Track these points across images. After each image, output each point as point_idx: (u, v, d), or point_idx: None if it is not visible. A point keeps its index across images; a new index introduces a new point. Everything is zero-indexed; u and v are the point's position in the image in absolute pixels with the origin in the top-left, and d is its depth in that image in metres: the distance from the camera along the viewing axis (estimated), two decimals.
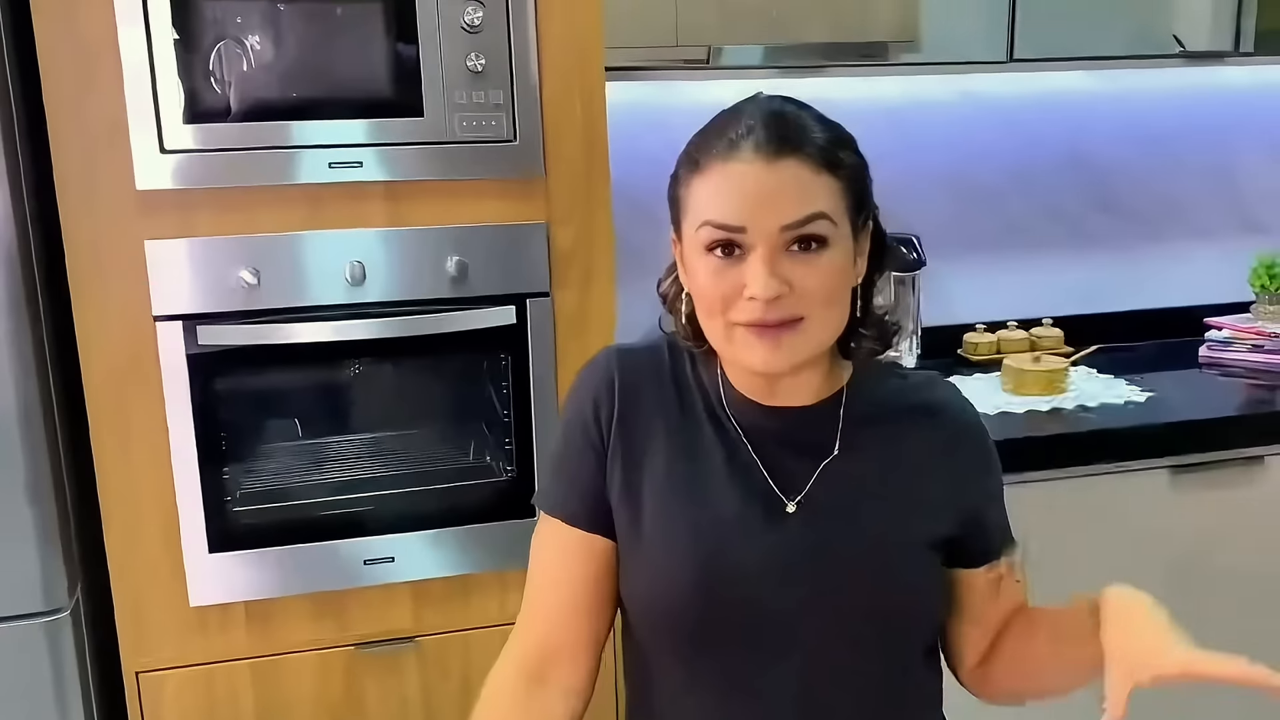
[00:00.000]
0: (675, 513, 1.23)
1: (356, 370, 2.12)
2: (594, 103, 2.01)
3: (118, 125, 1.84)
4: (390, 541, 2.07)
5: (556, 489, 1.29)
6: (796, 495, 1.23)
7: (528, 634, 1.29)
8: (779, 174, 1.11)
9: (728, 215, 1.12)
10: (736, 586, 1.21)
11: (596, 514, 1.26)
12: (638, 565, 1.25)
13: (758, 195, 1.11)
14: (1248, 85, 2.99)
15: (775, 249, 1.12)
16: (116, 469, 1.94)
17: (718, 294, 1.14)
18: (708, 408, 1.27)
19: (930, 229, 2.77)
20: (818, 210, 1.12)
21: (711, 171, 1.13)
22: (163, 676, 2.03)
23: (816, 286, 1.13)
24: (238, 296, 1.93)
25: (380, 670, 2.12)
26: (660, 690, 1.29)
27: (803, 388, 1.24)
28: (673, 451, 1.25)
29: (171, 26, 1.83)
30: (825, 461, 1.24)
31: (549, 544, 1.29)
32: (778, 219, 1.11)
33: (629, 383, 1.27)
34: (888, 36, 2.51)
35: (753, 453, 1.25)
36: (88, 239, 1.87)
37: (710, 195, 1.14)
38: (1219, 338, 2.84)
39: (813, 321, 1.15)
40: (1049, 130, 2.93)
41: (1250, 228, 3.08)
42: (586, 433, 1.27)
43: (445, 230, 1.99)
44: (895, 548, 1.22)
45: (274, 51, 1.89)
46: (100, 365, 1.91)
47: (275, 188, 1.92)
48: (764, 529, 1.22)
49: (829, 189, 1.14)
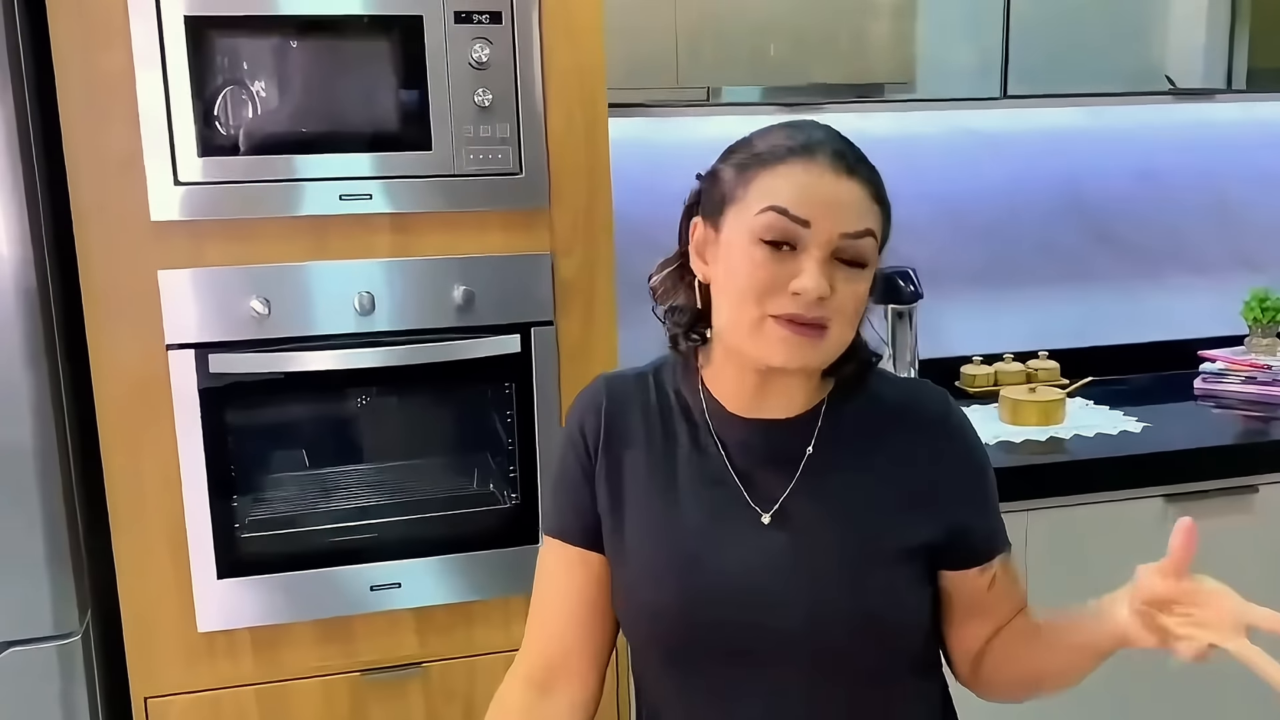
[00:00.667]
0: (653, 527, 1.27)
1: (364, 400, 2.16)
2: (597, 136, 2.07)
3: (133, 158, 1.89)
4: (396, 568, 2.10)
5: (554, 509, 1.34)
6: (772, 507, 1.26)
7: (533, 649, 1.33)
8: (849, 187, 1.18)
9: (799, 208, 1.16)
10: (713, 598, 1.23)
11: (590, 531, 1.31)
12: (621, 580, 1.29)
13: (828, 198, 1.17)
14: (1240, 121, 3.05)
15: (828, 254, 1.17)
16: (127, 495, 1.97)
17: (759, 284, 1.17)
18: (689, 425, 1.30)
19: (927, 263, 2.81)
20: (871, 229, 1.19)
21: (783, 169, 1.18)
22: (170, 702, 2.05)
23: (848, 301, 1.19)
24: (249, 326, 1.97)
25: (386, 696, 2.14)
26: (657, 696, 1.33)
27: (786, 400, 1.27)
28: (652, 468, 1.29)
29: (187, 63, 1.88)
30: (799, 473, 1.27)
31: (551, 564, 1.34)
32: (840, 225, 1.17)
33: (615, 407, 1.32)
34: (884, 77, 2.56)
35: (730, 466, 1.28)
36: (103, 269, 1.91)
37: (784, 185, 1.18)
38: (1213, 370, 2.88)
39: (835, 331, 1.19)
40: (1044, 165, 2.99)
41: (1243, 262, 3.13)
42: (577, 455, 1.32)
43: (451, 261, 2.04)
44: (870, 557, 1.24)
45: (286, 87, 1.94)
46: (113, 393, 1.94)
47: (286, 219, 1.96)
48: (738, 541, 1.25)
49: (877, 217, 1.21)
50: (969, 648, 1.34)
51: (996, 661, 1.32)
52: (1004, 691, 1.34)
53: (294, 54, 1.94)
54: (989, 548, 1.30)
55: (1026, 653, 1.30)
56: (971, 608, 1.31)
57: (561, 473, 1.34)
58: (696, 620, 1.24)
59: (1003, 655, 1.32)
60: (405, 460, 2.21)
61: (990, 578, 1.29)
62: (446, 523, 2.14)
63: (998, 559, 1.30)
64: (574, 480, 1.32)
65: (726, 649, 1.24)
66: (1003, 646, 1.32)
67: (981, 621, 1.32)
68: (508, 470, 2.16)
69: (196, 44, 1.88)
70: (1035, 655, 1.29)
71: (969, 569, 1.29)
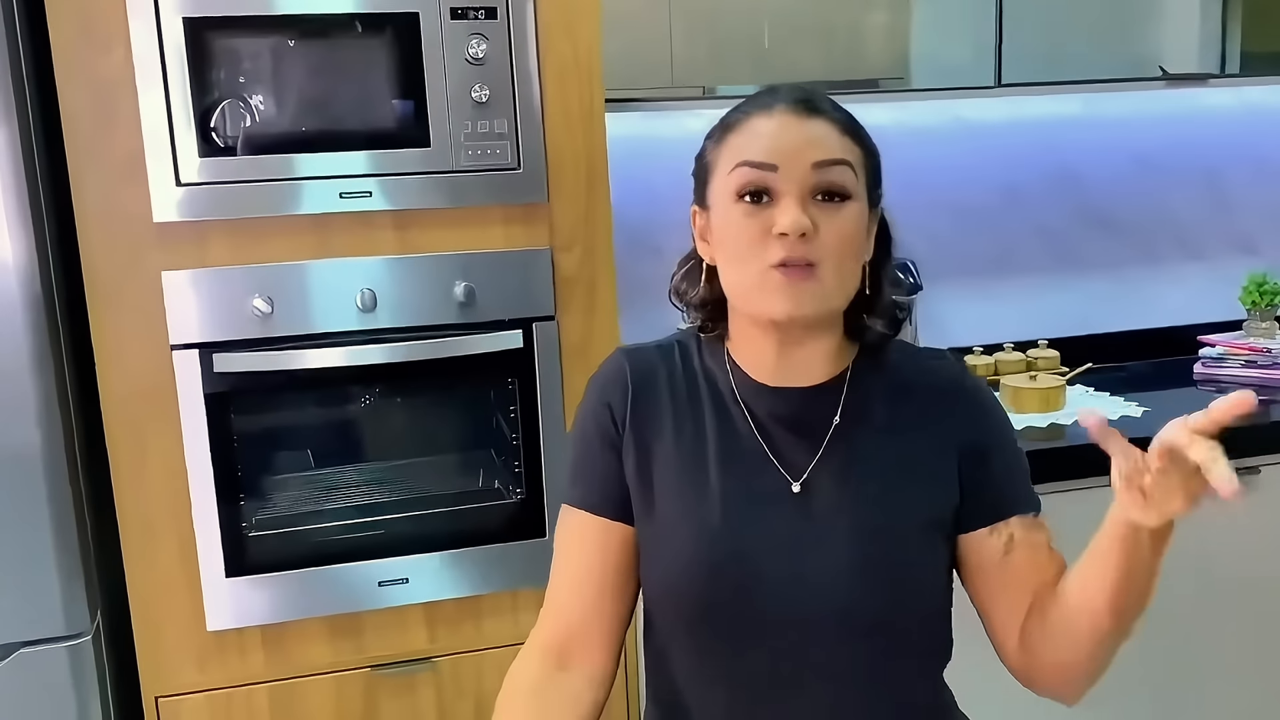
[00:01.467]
0: (683, 499, 1.28)
1: (369, 397, 2.17)
2: (594, 130, 2.08)
3: (135, 160, 1.90)
4: (404, 563, 2.11)
5: (576, 483, 1.35)
6: (802, 475, 1.28)
7: (551, 621, 1.33)
8: (811, 127, 1.22)
9: (762, 154, 1.21)
10: (744, 568, 1.25)
11: (615, 502, 1.32)
12: (652, 551, 1.30)
13: (791, 140, 1.21)
14: (1234, 107, 3.06)
15: (804, 193, 1.20)
16: (135, 495, 1.99)
17: (746, 238, 1.21)
18: (715, 396, 1.32)
19: (925, 254, 2.82)
20: (845, 157, 1.22)
21: (746, 125, 1.24)
22: (181, 701, 2.06)
23: (836, 236, 1.20)
24: (252, 325, 1.98)
25: (396, 691, 2.15)
26: (678, 672, 1.32)
27: (809, 366, 1.29)
28: (681, 439, 1.30)
29: (186, 65, 1.89)
30: (827, 441, 1.28)
31: (572, 534, 1.34)
32: (809, 156, 1.20)
33: (640, 379, 1.34)
34: (879, 71, 2.58)
35: (758, 435, 1.29)
36: (106, 271, 1.93)
37: (746, 141, 1.23)
38: (1213, 354, 2.89)
39: (826, 270, 1.20)
40: (1040, 155, 3.00)
41: (1240, 246, 3.14)
42: (601, 428, 1.33)
43: (453, 257, 2.05)
44: (896, 526, 1.25)
45: (284, 86, 1.96)
46: (119, 394, 1.96)
47: (287, 218, 1.98)
48: (769, 511, 1.26)
49: (853, 150, 1.24)
50: (1009, 628, 1.29)
51: (1039, 639, 1.26)
52: (1056, 674, 1.27)
53: (291, 53, 1.96)
54: (998, 508, 1.29)
55: (1061, 614, 1.23)
56: (996, 577, 1.28)
57: (585, 446, 1.35)
58: (727, 590, 1.25)
59: (1043, 631, 1.26)
60: (410, 456, 2.22)
61: (1005, 540, 1.28)
62: (453, 518, 2.16)
63: (1012, 520, 1.28)
64: (600, 453, 1.33)
65: (755, 618, 1.25)
66: (1041, 621, 1.26)
67: (1012, 594, 1.28)
68: (513, 465, 2.17)
69: (195, 45, 1.89)
70: (1067, 607, 1.22)
71: (979, 529, 1.28)
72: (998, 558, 1.28)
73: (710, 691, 1.30)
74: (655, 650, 1.36)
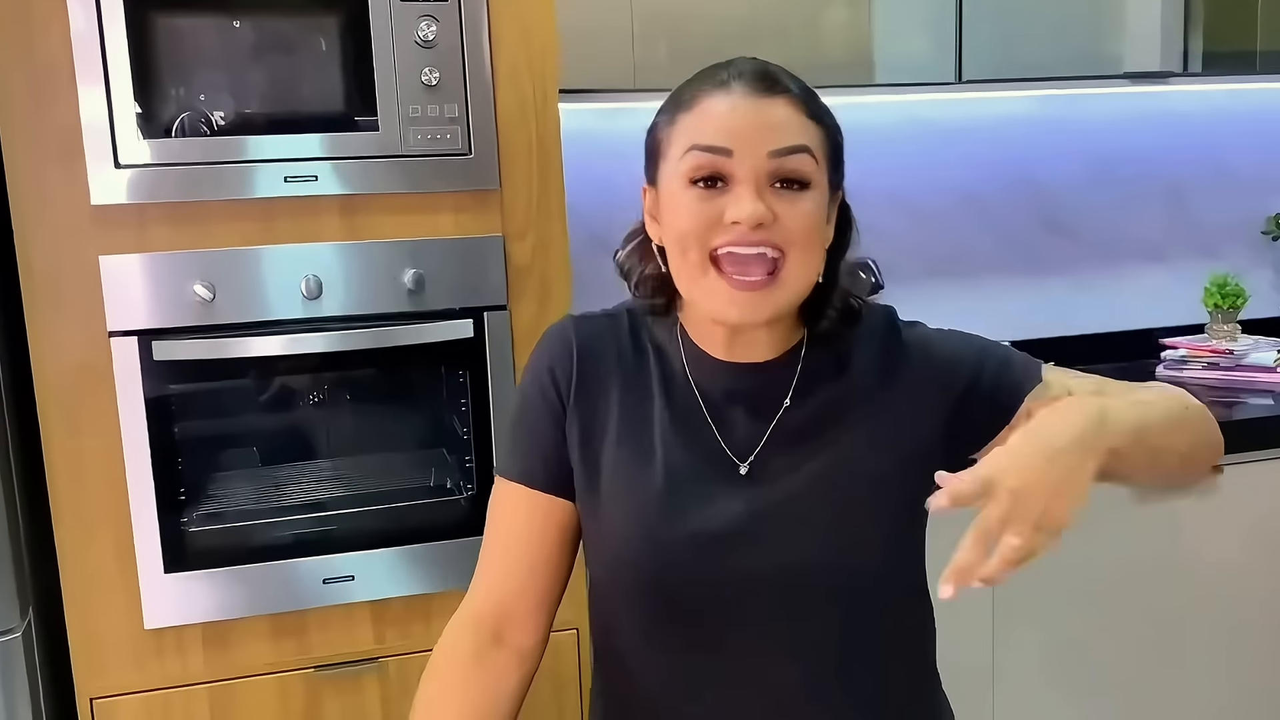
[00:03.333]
0: (629, 477, 1.24)
1: (315, 389, 2.12)
2: (548, 115, 2.04)
3: (72, 140, 1.85)
4: (350, 560, 2.05)
5: (515, 453, 1.30)
6: (749, 456, 1.23)
7: (482, 595, 1.29)
8: (769, 109, 1.15)
9: (716, 138, 1.14)
10: (689, 550, 1.20)
11: (555, 475, 1.27)
12: (597, 529, 1.26)
13: (747, 123, 1.14)
14: (1195, 108, 3.06)
15: (761, 180, 1.14)
16: (69, 487, 1.92)
17: (695, 225, 1.15)
18: (664, 370, 1.27)
19: (886, 255, 2.78)
20: (804, 143, 1.15)
21: (701, 104, 1.16)
22: (117, 702, 1.99)
23: (798, 225, 1.15)
24: (193, 311, 1.93)
25: (341, 692, 2.09)
26: (625, 652, 1.28)
27: (763, 342, 1.25)
28: (627, 414, 1.26)
29: (126, 44, 1.84)
30: (775, 422, 1.24)
31: (506, 506, 1.30)
32: (766, 143, 1.14)
33: (586, 348, 1.28)
34: (839, 68, 2.55)
35: (706, 413, 1.25)
36: (42, 254, 1.87)
37: (699, 123, 1.16)
38: (1175, 357, 2.88)
39: (790, 263, 1.15)
40: (1000, 156, 2.99)
41: (1201, 249, 3.14)
42: (545, 397, 1.28)
43: (401, 244, 2.00)
44: (848, 504, 1.21)
45: (228, 67, 1.91)
46: (54, 381, 1.90)
47: (230, 202, 1.93)
48: (716, 491, 1.22)
49: (813, 133, 1.17)
50: None
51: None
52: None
53: (237, 33, 1.91)
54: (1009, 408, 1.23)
55: None
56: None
57: (524, 417, 1.30)
58: (673, 570, 1.21)
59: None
60: (357, 451, 2.17)
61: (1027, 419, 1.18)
62: (401, 514, 2.10)
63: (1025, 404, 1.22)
64: (541, 424, 1.28)
65: (705, 599, 1.21)
66: None
67: None
68: (464, 460, 2.12)
69: (136, 25, 1.84)
70: None
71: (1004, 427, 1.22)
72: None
73: (660, 667, 1.25)
74: (601, 623, 1.32)
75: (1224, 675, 2.56)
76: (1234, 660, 2.56)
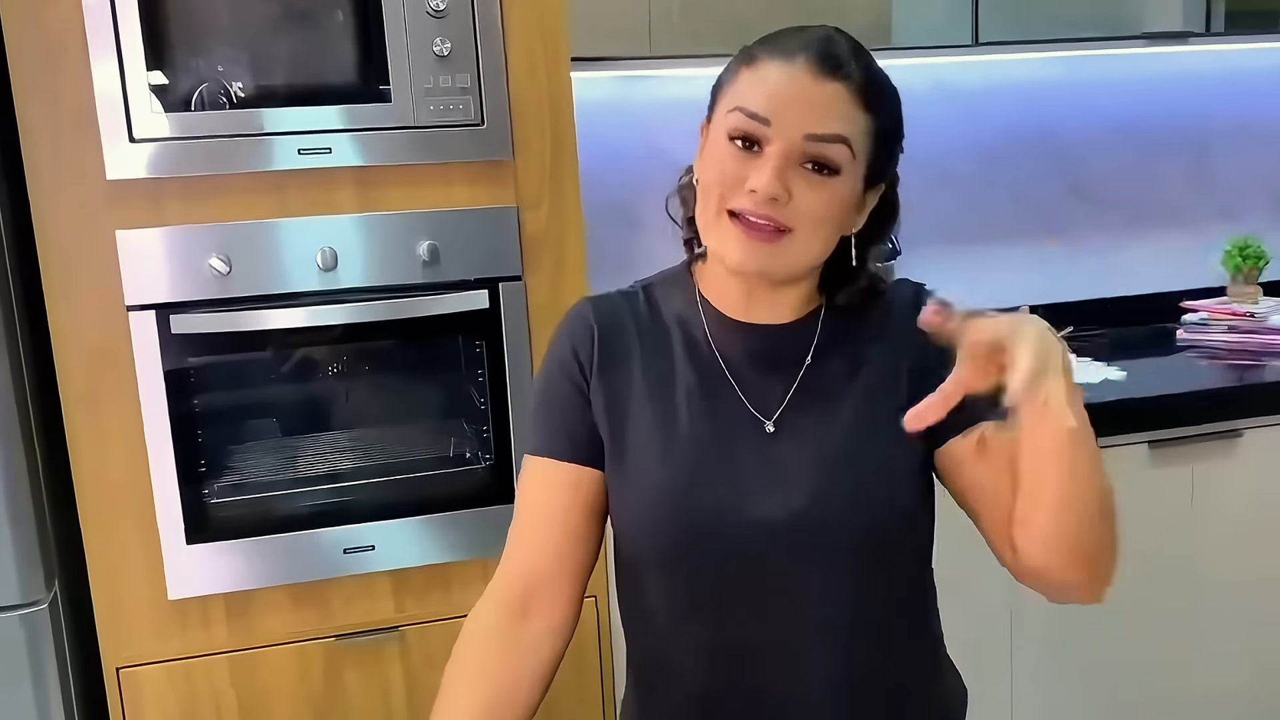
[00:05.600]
0: (655, 441, 1.25)
1: (333, 361, 2.13)
2: (560, 84, 2.03)
3: (87, 115, 1.85)
4: (370, 530, 2.07)
5: (541, 431, 1.31)
6: (774, 414, 1.25)
7: (514, 568, 1.29)
8: (821, 89, 1.15)
9: (760, 106, 1.16)
10: (717, 509, 1.22)
11: (582, 446, 1.28)
12: (624, 495, 1.27)
13: (794, 99, 1.15)
14: (1218, 69, 3.02)
15: (791, 157, 1.15)
16: (92, 460, 1.94)
17: (721, 179, 1.17)
18: (685, 335, 1.29)
19: (905, 220, 2.76)
20: (843, 133, 1.16)
21: (761, 66, 1.18)
22: (142, 671, 2.02)
23: (813, 208, 1.16)
24: (210, 285, 1.93)
25: (362, 661, 2.11)
26: (654, 615, 1.29)
27: (781, 305, 1.27)
28: (650, 383, 1.28)
29: (139, 17, 1.84)
30: (799, 380, 1.26)
31: (536, 481, 1.30)
32: (805, 125, 1.15)
33: (606, 325, 1.30)
34: (858, 27, 2.52)
35: (729, 375, 1.27)
36: (59, 230, 1.88)
37: (752, 85, 1.17)
38: (1195, 320, 2.86)
39: (796, 238, 1.17)
40: (1021, 119, 2.96)
41: (1222, 211, 3.11)
42: (569, 375, 1.29)
43: (416, 215, 2.00)
44: (872, 462, 1.23)
45: (240, 40, 1.91)
46: (74, 356, 1.91)
47: (245, 175, 1.93)
48: (743, 451, 1.24)
49: (860, 124, 1.18)
50: (999, 528, 1.22)
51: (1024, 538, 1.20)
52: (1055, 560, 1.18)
53: (248, 5, 1.90)
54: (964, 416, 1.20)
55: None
56: (974, 480, 1.23)
57: (551, 393, 1.31)
58: (701, 531, 1.22)
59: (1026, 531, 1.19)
60: (376, 421, 2.19)
61: (975, 440, 1.23)
62: (420, 484, 2.11)
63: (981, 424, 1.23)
64: (567, 399, 1.29)
65: (731, 559, 1.23)
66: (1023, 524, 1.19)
67: (992, 495, 1.21)
68: (481, 430, 2.13)
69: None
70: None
71: (953, 438, 1.24)
72: (972, 459, 1.23)
73: (691, 628, 1.26)
74: (630, 591, 1.33)
75: (1239, 642, 2.55)
76: (1248, 627, 2.55)
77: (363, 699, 2.12)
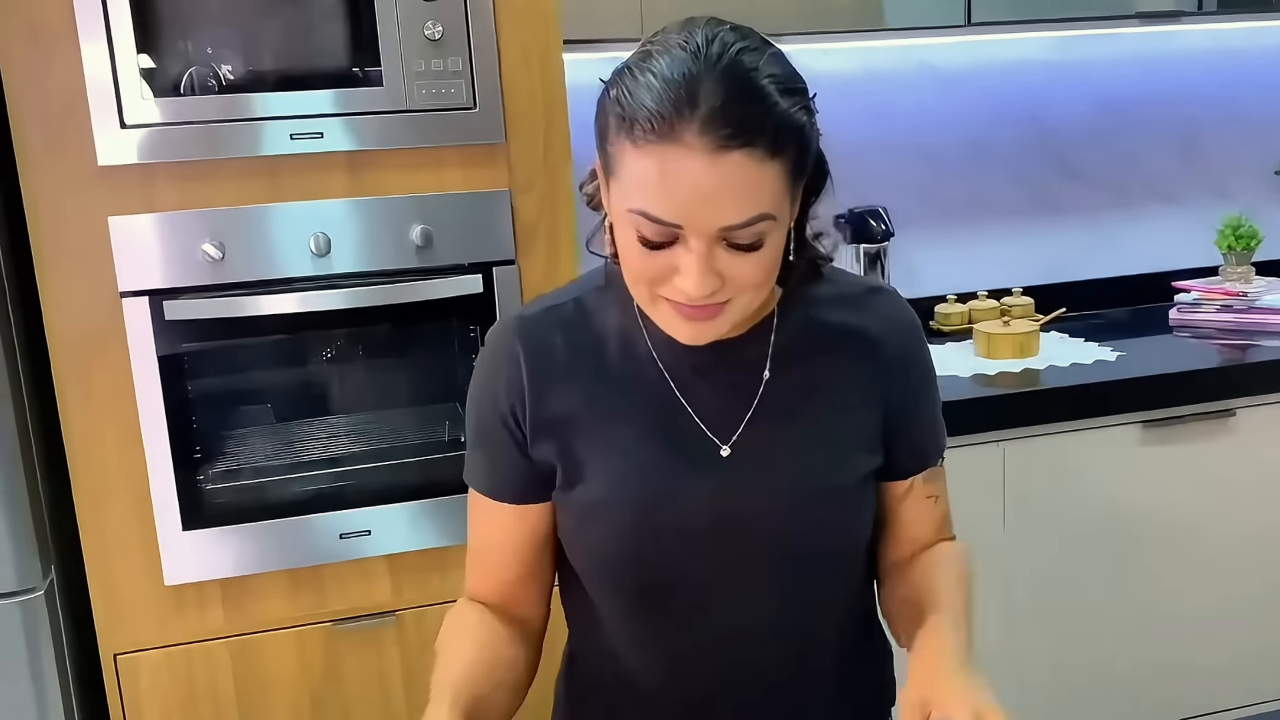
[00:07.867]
0: (606, 471, 1.19)
1: (328, 346, 2.13)
2: (552, 68, 2.03)
3: (78, 101, 1.85)
4: (366, 515, 2.07)
5: (480, 470, 1.25)
6: (728, 437, 1.19)
7: (479, 587, 1.28)
8: (723, 170, 1.00)
9: (664, 211, 1.02)
10: (676, 538, 1.18)
11: (524, 489, 1.23)
12: (578, 528, 1.23)
13: (698, 192, 1.00)
14: (1208, 49, 3.03)
15: (711, 245, 1.03)
16: (86, 446, 1.94)
17: (645, 274, 1.07)
18: (629, 353, 1.20)
19: (897, 202, 2.79)
20: (762, 212, 1.02)
21: (647, 153, 1.01)
22: (140, 658, 2.02)
23: (748, 276, 1.06)
24: (203, 270, 1.93)
25: (359, 645, 2.11)
26: (606, 639, 1.28)
27: None
28: (595, 407, 1.20)
29: (128, 2, 1.83)
30: (757, 399, 1.19)
31: (482, 516, 1.27)
32: (718, 219, 1.02)
33: (533, 350, 1.20)
34: (849, 14, 2.52)
35: (679, 395, 1.19)
36: (52, 217, 1.87)
37: (644, 182, 1.02)
38: (1188, 300, 2.86)
39: (738, 303, 1.09)
40: (1011, 100, 2.96)
41: (1214, 190, 3.11)
42: (500, 415, 1.21)
43: (409, 200, 2.00)
44: (831, 485, 1.20)
45: (231, 24, 1.90)
46: (68, 343, 1.91)
47: (237, 160, 1.93)
48: (699, 476, 1.19)
49: (774, 179, 1.03)
50: (884, 558, 1.31)
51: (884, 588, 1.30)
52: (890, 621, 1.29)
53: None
54: (912, 463, 1.27)
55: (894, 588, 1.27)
56: (894, 519, 1.29)
57: (485, 433, 1.23)
58: (659, 560, 1.19)
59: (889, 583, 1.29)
60: (371, 406, 2.18)
61: (906, 489, 1.26)
62: (415, 469, 2.11)
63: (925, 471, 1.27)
64: (501, 444, 1.21)
65: (689, 586, 1.20)
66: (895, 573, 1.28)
67: (889, 540, 1.30)
68: None
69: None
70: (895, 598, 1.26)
71: (893, 480, 1.26)
72: (894, 505, 1.28)
73: (644, 656, 1.26)
74: (579, 614, 1.31)
75: (1230, 619, 2.56)
76: (1239, 604, 2.56)
77: (360, 683, 2.12)
